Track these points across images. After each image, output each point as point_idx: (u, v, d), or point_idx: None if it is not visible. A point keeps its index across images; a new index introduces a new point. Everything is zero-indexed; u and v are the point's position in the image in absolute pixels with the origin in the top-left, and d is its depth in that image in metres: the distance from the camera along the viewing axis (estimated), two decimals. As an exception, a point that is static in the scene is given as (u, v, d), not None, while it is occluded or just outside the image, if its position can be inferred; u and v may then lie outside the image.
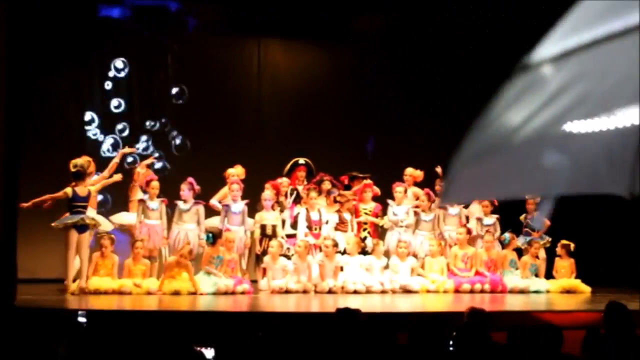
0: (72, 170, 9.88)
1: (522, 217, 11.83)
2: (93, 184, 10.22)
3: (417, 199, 11.55)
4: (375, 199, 11.56)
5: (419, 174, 11.73)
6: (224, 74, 13.13)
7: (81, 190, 9.84)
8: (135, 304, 9.09)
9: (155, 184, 10.53)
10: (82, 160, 9.99)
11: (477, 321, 5.35)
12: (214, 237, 10.12)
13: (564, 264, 11.46)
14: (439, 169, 11.42)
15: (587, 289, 11.13)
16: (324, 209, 11.16)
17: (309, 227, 10.96)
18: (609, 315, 5.54)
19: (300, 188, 11.46)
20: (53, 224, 9.83)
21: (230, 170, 11.16)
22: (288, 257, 10.64)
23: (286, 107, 13.34)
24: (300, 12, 12.97)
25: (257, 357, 4.95)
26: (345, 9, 13.14)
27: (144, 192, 10.58)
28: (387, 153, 13.09)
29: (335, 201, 11.28)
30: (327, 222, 11.11)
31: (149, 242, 10.42)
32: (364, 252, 10.89)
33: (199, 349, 4.95)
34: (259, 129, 13.17)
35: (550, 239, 11.69)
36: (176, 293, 9.67)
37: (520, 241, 11.57)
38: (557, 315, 8.34)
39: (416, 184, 11.71)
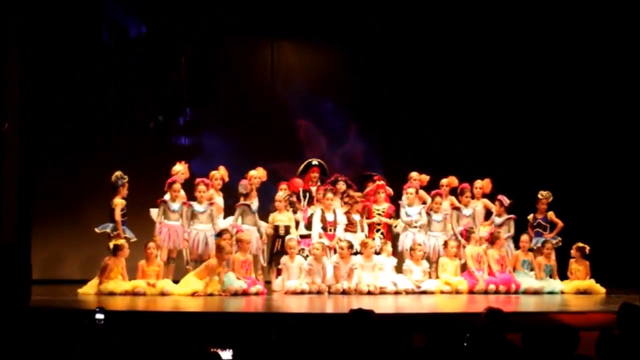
0: None
1: (530, 217, 11.78)
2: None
3: (424, 202, 11.56)
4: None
5: (424, 177, 11.73)
6: (237, 76, 13.15)
7: None
8: (150, 304, 9.11)
9: (177, 186, 10.58)
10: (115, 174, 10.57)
11: (494, 321, 5.33)
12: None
13: (579, 267, 11.38)
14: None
15: (601, 289, 11.08)
16: (338, 210, 11.16)
17: (324, 228, 10.96)
18: (623, 317, 5.52)
19: (313, 189, 11.48)
20: None
21: (251, 172, 11.19)
22: (303, 257, 10.66)
23: (299, 108, 13.35)
24: (313, 14, 12.98)
25: (271, 358, 4.96)
26: (357, 10, 13.14)
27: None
28: (396, 155, 13.07)
29: (344, 203, 11.28)
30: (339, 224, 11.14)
31: (168, 242, 10.45)
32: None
33: (215, 350, 4.96)
34: (272, 130, 13.17)
35: (561, 239, 11.64)
36: (210, 294, 9.75)
37: (532, 242, 11.54)
38: (572, 316, 8.31)
39: (421, 188, 11.71)
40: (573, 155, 12.99)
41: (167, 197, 10.59)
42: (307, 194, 11.42)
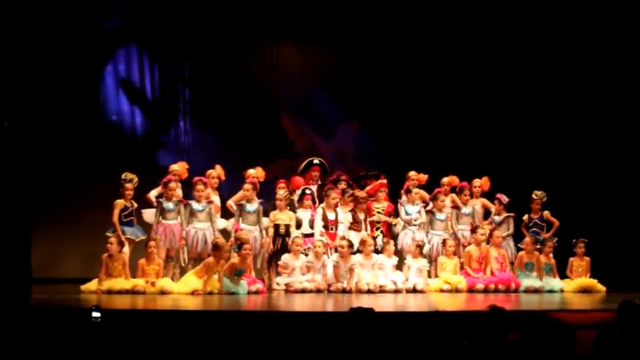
0: None
1: (525, 217, 11.78)
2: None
3: (425, 201, 11.57)
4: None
5: (423, 176, 11.75)
6: (238, 76, 13.17)
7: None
8: (149, 303, 9.11)
9: (173, 185, 10.58)
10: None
11: (497, 320, 5.34)
12: (240, 246, 10.13)
13: (581, 263, 11.42)
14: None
15: (602, 288, 11.09)
16: (339, 209, 11.16)
17: (325, 227, 10.98)
18: (622, 315, 5.52)
19: (314, 188, 11.49)
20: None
21: (250, 171, 11.20)
22: (307, 256, 10.68)
23: (299, 107, 13.38)
24: (312, 16, 13.02)
25: (272, 356, 4.97)
26: (357, 10, 13.18)
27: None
28: (393, 154, 13.09)
29: (347, 201, 11.29)
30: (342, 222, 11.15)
31: (166, 241, 10.45)
32: (375, 250, 10.89)
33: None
34: (273, 130, 13.20)
35: (557, 239, 11.63)
36: (210, 293, 9.73)
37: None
38: (572, 314, 8.30)
39: (420, 187, 11.72)
40: (573, 154, 13.00)
41: (152, 193, 10.61)
42: (311, 192, 11.42)
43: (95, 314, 5.89)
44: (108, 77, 12.74)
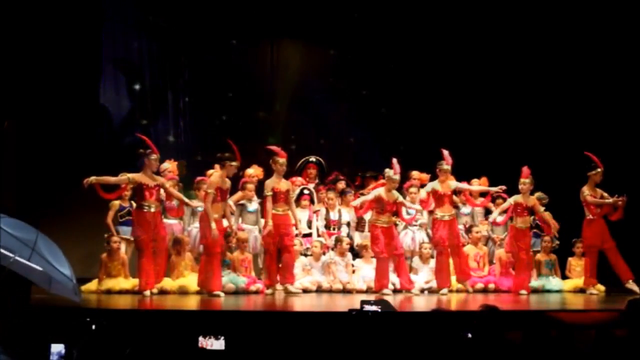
0: None
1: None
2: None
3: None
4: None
5: (425, 176, 11.73)
6: (238, 75, 13.18)
7: None
8: (149, 303, 9.11)
9: (171, 184, 10.58)
10: None
11: (491, 319, 5.35)
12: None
13: (580, 262, 11.43)
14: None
15: (601, 288, 11.09)
16: (344, 209, 11.16)
17: (327, 227, 10.98)
18: (629, 314, 5.50)
19: (311, 186, 11.50)
20: None
21: (248, 171, 11.20)
22: (307, 257, 10.68)
23: (298, 106, 13.40)
24: (312, 15, 13.04)
25: (272, 356, 4.97)
26: (354, 10, 13.21)
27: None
28: (394, 153, 13.08)
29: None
30: (346, 223, 11.15)
31: (168, 241, 10.45)
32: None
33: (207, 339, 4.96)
34: (272, 128, 13.21)
35: (558, 242, 11.62)
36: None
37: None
38: (571, 314, 8.32)
39: (421, 186, 11.73)
40: (573, 154, 12.98)
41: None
42: (309, 191, 11.42)
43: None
44: (107, 77, 12.73)
